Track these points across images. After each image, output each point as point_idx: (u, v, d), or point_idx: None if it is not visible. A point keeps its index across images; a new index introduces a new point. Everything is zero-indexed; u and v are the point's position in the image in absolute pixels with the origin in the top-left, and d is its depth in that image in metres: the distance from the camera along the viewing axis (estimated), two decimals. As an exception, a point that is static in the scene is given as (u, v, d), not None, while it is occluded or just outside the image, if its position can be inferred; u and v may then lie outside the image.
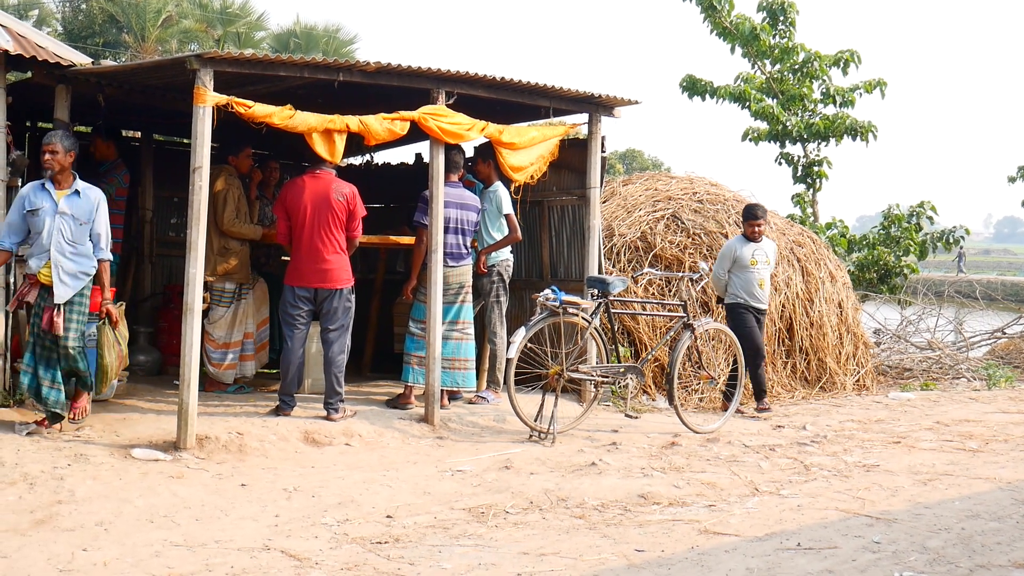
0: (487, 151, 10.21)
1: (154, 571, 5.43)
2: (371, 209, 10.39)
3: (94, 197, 8.07)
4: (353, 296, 9.37)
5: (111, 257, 8.22)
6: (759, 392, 11.01)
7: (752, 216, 10.95)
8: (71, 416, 8.18)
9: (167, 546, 5.88)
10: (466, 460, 8.35)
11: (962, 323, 16.81)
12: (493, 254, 10.29)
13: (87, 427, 8.24)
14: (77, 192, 7.99)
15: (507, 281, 10.45)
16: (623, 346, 11.00)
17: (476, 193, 10.31)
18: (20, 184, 8.89)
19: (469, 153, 10.81)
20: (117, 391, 9.28)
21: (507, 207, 10.30)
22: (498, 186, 10.33)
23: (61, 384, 7.99)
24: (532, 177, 10.16)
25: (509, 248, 10.47)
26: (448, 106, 9.35)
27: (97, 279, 8.12)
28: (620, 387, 10.68)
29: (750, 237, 10.89)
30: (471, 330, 10.03)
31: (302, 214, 9.11)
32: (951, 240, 18.00)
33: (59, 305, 7.82)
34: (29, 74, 9.10)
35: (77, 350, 7.96)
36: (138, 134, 12.83)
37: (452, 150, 9.77)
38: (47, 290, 7.86)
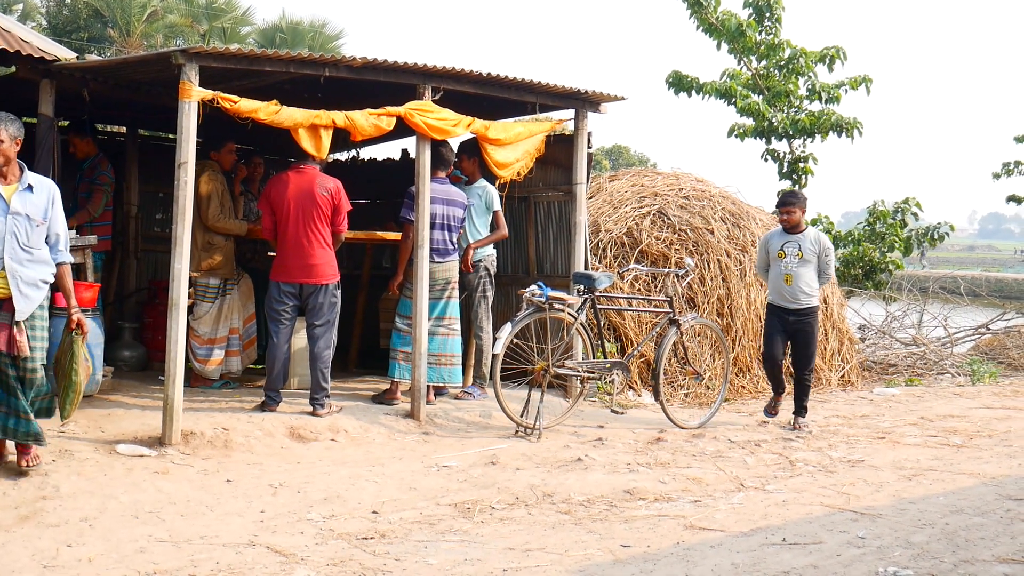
0: (472, 147, 10.20)
1: (139, 567, 5.43)
2: (357, 205, 10.39)
3: (49, 191, 6.90)
4: (339, 291, 9.36)
5: (71, 259, 7.13)
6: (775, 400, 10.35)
7: (779, 203, 10.22)
8: (24, 462, 6.94)
9: (152, 542, 5.87)
10: (452, 456, 8.35)
11: (947, 319, 16.86)
12: (479, 249, 10.28)
13: (72, 423, 8.21)
14: (30, 187, 6.80)
15: (493, 275, 10.45)
16: (609, 342, 11.01)
17: (461, 189, 10.30)
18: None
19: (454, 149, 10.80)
20: (102, 387, 9.25)
21: (497, 203, 10.31)
22: (486, 182, 10.33)
23: (29, 412, 6.81)
24: (518, 173, 10.17)
25: (493, 243, 10.46)
26: (434, 102, 9.35)
27: (58, 285, 7.04)
28: (606, 383, 10.71)
29: (783, 227, 10.18)
30: (457, 326, 10.03)
31: (286, 209, 9.09)
32: (936, 236, 18.05)
33: (19, 322, 6.74)
34: (13, 69, 9.07)
35: (41, 371, 6.90)
36: (123, 129, 12.79)
37: (441, 146, 9.77)
38: None
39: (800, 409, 10.10)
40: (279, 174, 9.42)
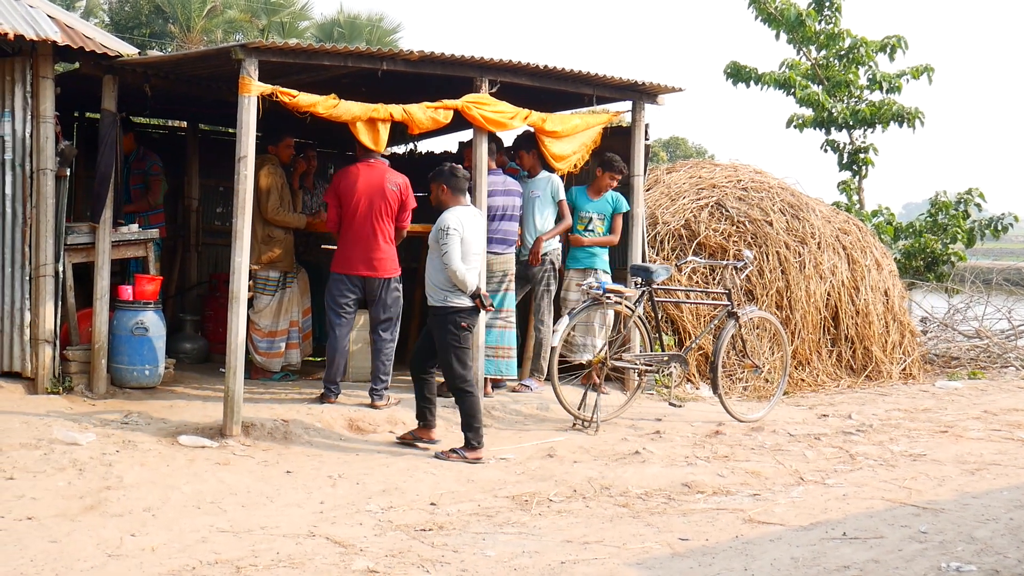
0: (531, 142, 10.19)
1: (201, 556, 5.49)
2: (415, 198, 10.42)
3: None
4: (401, 286, 9.38)
5: None
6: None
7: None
8: None
9: (214, 532, 5.94)
10: (510, 448, 8.36)
11: (1011, 311, 16.58)
12: (545, 242, 10.25)
13: (135, 414, 8.32)
14: None
15: (558, 269, 10.44)
16: (667, 334, 10.95)
17: (523, 181, 10.30)
18: (68, 174, 9.00)
19: (509, 142, 10.80)
20: (164, 379, 9.37)
21: (562, 193, 10.31)
22: (549, 173, 10.31)
23: None
24: (575, 166, 10.14)
25: (558, 237, 10.45)
26: (491, 94, 9.35)
27: None
28: (664, 376, 10.65)
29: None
30: (513, 318, 10.02)
31: (355, 203, 9.10)
32: (999, 227, 17.76)
33: None
34: (77, 65, 9.19)
35: None
36: (184, 124, 12.95)
37: (488, 138, 9.76)
38: None
39: (465, 440, 8.10)
40: (348, 167, 9.44)
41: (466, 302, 8.13)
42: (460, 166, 8.47)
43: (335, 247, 9.44)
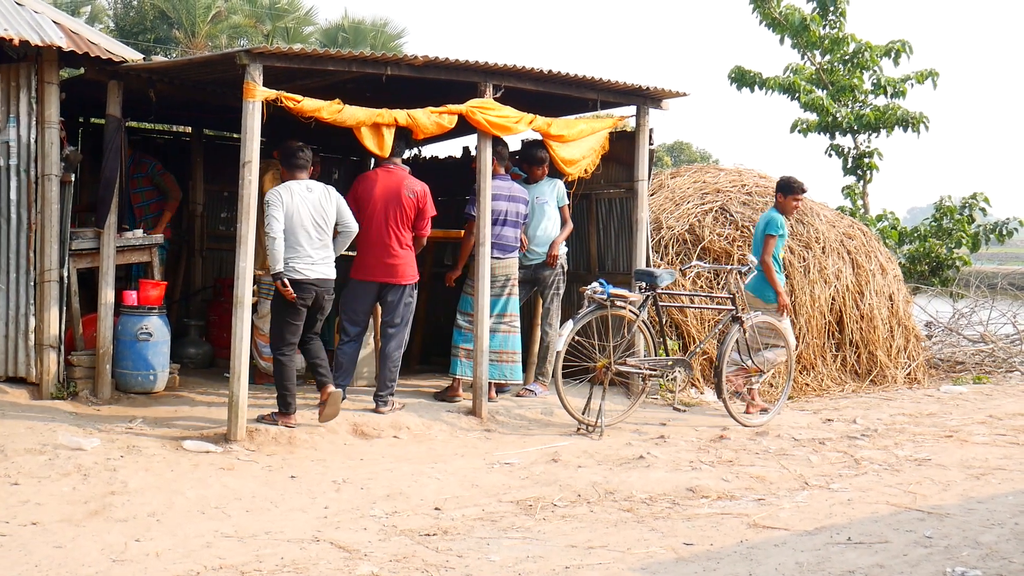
0: (535, 152, 10.22)
1: (206, 562, 5.49)
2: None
3: None
4: (416, 293, 9.38)
5: None
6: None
7: None
8: None
9: (218, 537, 5.94)
10: (514, 453, 8.36)
11: (1016, 315, 16.56)
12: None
13: (139, 419, 8.33)
14: None
15: (566, 272, 10.45)
16: (671, 339, 10.94)
17: (528, 186, 10.31)
18: (73, 180, 9.01)
19: (515, 147, 10.81)
20: (168, 384, 9.37)
21: (566, 198, 10.33)
22: (554, 179, 10.32)
23: None
24: (585, 171, 10.15)
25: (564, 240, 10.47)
26: (495, 99, 9.35)
27: None
28: (668, 380, 10.65)
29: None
30: (518, 323, 10.02)
31: (372, 208, 9.10)
32: (1004, 232, 17.75)
33: None
34: (82, 70, 9.21)
35: None
36: (189, 129, 12.97)
37: (497, 144, 9.77)
38: None
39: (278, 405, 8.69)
40: (367, 172, 9.45)
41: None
42: (295, 143, 8.70)
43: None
